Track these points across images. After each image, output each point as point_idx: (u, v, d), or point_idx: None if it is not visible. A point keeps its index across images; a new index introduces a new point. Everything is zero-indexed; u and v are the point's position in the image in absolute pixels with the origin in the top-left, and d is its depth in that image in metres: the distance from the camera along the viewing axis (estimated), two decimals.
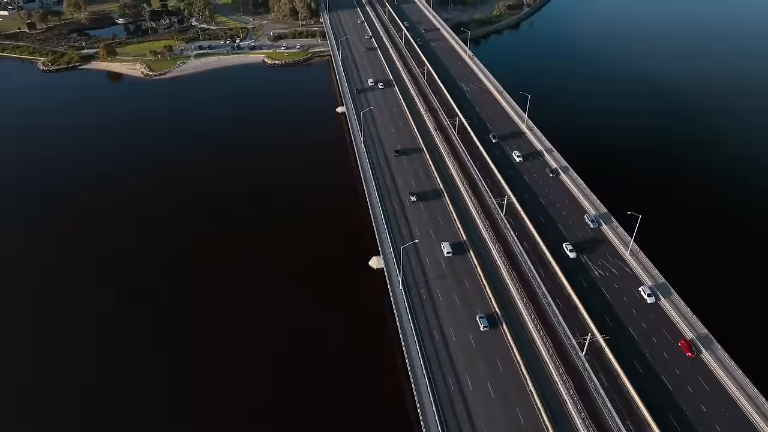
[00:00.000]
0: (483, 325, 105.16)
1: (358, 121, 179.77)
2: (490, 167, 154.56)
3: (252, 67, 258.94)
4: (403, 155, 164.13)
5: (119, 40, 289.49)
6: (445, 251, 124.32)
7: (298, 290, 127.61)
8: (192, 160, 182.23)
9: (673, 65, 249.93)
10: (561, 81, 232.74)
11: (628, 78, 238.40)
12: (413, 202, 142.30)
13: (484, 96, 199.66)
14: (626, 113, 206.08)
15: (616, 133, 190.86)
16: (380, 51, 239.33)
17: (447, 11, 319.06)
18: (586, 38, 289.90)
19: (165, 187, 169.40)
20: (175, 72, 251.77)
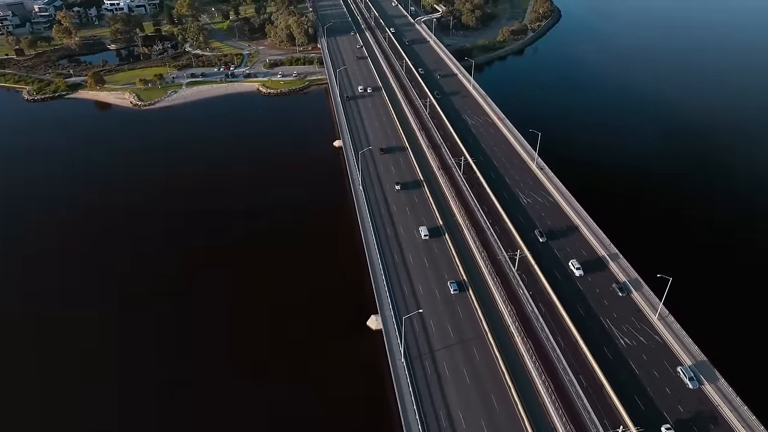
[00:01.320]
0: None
1: (355, 156, 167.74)
2: (497, 211, 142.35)
3: (246, 96, 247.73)
4: (404, 189, 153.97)
5: (109, 66, 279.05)
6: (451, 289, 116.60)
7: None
8: (179, 195, 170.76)
9: (682, 86, 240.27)
10: (568, 110, 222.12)
11: (638, 105, 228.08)
12: (424, 239, 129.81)
13: (490, 130, 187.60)
14: (640, 147, 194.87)
15: (632, 172, 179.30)
16: (379, 78, 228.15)
17: (449, 36, 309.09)
18: (592, 63, 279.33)
19: (145, 228, 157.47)
20: (165, 101, 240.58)
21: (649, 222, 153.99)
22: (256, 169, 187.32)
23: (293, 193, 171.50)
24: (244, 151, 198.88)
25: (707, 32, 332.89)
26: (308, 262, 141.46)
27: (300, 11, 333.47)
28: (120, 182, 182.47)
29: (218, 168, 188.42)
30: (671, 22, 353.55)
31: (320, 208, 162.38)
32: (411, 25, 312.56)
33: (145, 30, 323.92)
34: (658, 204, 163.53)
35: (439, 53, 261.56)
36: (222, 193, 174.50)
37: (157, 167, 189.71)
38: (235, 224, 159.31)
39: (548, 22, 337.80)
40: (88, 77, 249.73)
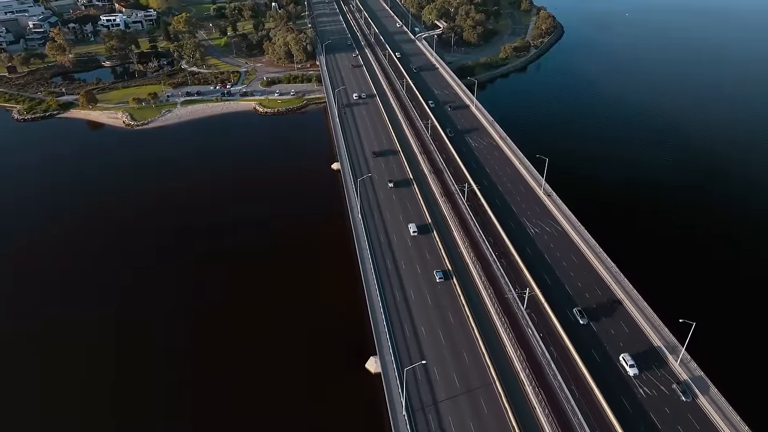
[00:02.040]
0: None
1: (354, 183, 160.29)
2: (503, 241, 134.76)
3: (242, 115, 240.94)
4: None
5: (103, 84, 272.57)
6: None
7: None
8: (168, 217, 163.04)
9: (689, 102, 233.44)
10: (573, 131, 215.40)
11: (644, 121, 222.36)
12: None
13: (494, 153, 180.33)
14: (652, 169, 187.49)
15: (641, 193, 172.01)
16: (379, 99, 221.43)
17: (450, 53, 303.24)
18: (596, 80, 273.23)
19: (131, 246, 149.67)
20: (159, 121, 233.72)
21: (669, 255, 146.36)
22: (248, 194, 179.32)
23: (287, 221, 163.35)
24: (236, 176, 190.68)
25: (704, 43, 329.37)
26: (304, 297, 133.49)
27: (299, 27, 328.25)
28: (109, 201, 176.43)
29: (209, 194, 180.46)
30: (672, 34, 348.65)
31: (314, 238, 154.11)
32: (411, 41, 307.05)
33: (140, 46, 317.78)
34: (687, 236, 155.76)
35: (441, 72, 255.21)
36: (213, 222, 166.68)
37: (145, 190, 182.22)
38: (224, 253, 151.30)
39: (551, 39, 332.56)
40: (79, 96, 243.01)
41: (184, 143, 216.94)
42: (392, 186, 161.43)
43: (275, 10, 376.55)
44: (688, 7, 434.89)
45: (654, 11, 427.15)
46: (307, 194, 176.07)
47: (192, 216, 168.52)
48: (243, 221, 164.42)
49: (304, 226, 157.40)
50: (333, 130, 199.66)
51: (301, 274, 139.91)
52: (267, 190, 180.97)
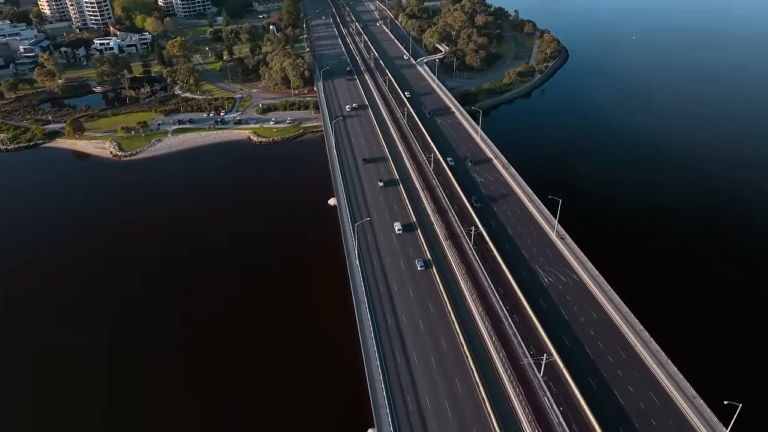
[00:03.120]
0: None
1: (352, 223, 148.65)
2: (515, 292, 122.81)
3: (236, 145, 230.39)
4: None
5: (92, 111, 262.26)
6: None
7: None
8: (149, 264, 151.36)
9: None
10: (583, 163, 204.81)
11: (655, 149, 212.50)
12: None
13: (502, 190, 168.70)
14: (667, 205, 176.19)
15: (659, 233, 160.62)
16: (380, 131, 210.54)
17: (452, 78, 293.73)
18: (604, 107, 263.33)
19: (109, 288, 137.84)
20: (148, 151, 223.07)
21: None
22: (239, 231, 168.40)
23: (278, 264, 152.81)
24: (226, 211, 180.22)
25: (716, 65, 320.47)
26: (297, 352, 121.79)
27: (296, 51, 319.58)
28: (91, 228, 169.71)
29: (193, 235, 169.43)
30: (681, 56, 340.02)
31: (307, 283, 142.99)
32: (412, 66, 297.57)
33: (133, 71, 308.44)
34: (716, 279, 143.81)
35: (443, 99, 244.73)
36: (201, 264, 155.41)
37: (128, 227, 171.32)
38: (213, 295, 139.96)
39: (555, 63, 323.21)
40: (66, 125, 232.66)
41: (170, 176, 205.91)
42: (400, 232, 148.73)
43: (273, 33, 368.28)
44: (697, 26, 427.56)
45: (660, 33, 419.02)
46: (299, 233, 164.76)
47: (176, 256, 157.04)
48: (232, 263, 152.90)
49: (295, 281, 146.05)
50: (330, 163, 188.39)
51: (292, 315, 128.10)
52: (255, 219, 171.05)
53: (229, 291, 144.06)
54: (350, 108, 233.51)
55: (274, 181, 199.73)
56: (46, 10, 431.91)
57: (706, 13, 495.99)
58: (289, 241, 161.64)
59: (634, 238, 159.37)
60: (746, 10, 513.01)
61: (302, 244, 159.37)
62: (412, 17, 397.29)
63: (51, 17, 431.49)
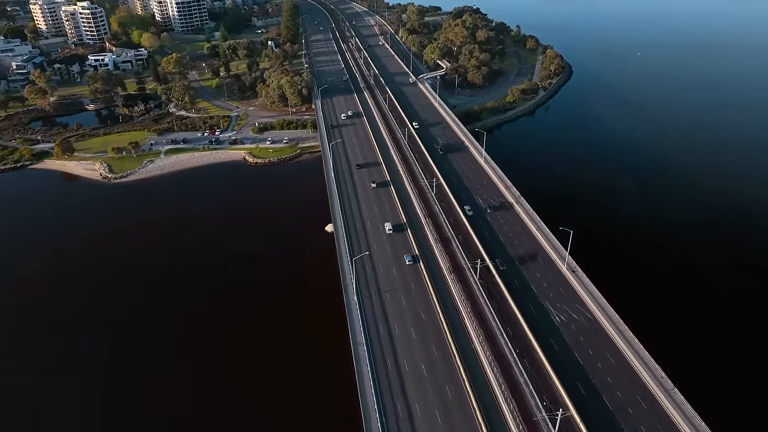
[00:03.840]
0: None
1: (350, 254, 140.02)
2: (525, 333, 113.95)
3: (230, 166, 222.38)
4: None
5: (83, 130, 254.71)
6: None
7: None
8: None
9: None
10: (593, 185, 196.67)
11: (667, 173, 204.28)
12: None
13: (508, 217, 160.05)
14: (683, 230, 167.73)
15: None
16: (380, 154, 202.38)
17: (454, 96, 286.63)
18: (610, 126, 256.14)
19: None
20: (139, 173, 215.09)
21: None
22: (231, 259, 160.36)
23: (268, 296, 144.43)
24: (218, 238, 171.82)
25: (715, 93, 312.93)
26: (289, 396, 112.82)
27: (295, 68, 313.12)
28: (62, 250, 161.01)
29: (183, 262, 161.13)
30: (689, 74, 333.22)
31: (299, 320, 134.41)
32: (413, 84, 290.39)
33: (127, 88, 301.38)
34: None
35: (445, 119, 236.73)
36: (189, 295, 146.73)
37: (112, 251, 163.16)
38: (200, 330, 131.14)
39: (559, 80, 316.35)
40: (54, 145, 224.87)
41: (161, 199, 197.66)
42: (409, 264, 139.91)
43: (271, 49, 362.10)
44: (706, 42, 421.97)
45: (663, 48, 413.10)
46: (294, 262, 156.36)
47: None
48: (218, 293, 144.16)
49: (286, 301, 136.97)
50: (328, 187, 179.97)
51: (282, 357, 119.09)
52: (248, 258, 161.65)
53: (220, 317, 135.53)
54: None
55: (269, 205, 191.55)
56: (42, 26, 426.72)
57: (705, 20, 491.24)
58: (284, 267, 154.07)
59: (651, 268, 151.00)
60: (742, 18, 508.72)
61: (297, 273, 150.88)
62: (413, 32, 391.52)
63: (47, 32, 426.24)
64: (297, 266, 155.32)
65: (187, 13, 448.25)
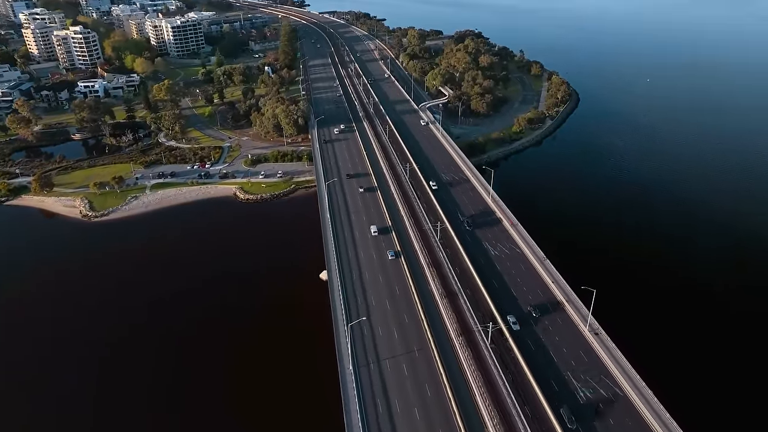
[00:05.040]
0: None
1: (346, 322, 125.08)
2: (545, 412, 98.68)
3: (220, 203, 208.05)
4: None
5: (66, 162, 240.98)
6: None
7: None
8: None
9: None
10: (602, 223, 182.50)
11: (683, 214, 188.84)
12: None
13: (519, 266, 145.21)
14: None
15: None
16: (379, 191, 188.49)
17: (457, 125, 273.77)
18: (620, 157, 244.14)
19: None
20: (122, 211, 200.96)
21: None
22: (213, 309, 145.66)
23: (254, 357, 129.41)
24: (200, 289, 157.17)
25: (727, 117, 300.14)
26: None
27: (292, 94, 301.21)
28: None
29: (161, 314, 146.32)
30: (701, 99, 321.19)
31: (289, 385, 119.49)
32: (414, 112, 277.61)
33: (116, 117, 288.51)
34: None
35: (449, 151, 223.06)
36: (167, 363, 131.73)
37: (86, 299, 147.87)
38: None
39: (566, 108, 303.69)
40: (33, 180, 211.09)
41: (142, 240, 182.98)
42: (389, 307, 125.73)
43: (267, 75, 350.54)
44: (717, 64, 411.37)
45: (672, 68, 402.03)
46: (285, 313, 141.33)
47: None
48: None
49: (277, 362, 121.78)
50: (323, 230, 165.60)
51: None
52: (234, 297, 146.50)
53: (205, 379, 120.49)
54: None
55: (259, 247, 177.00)
56: (34, 50, 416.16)
57: (718, 38, 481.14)
58: (270, 323, 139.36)
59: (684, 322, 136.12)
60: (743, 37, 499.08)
61: (284, 334, 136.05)
62: (414, 57, 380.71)
63: (39, 57, 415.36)
64: (285, 324, 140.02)
65: (183, 37, 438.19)
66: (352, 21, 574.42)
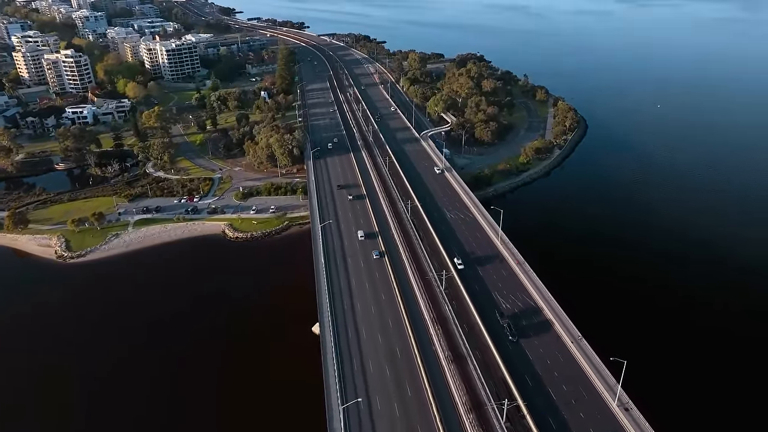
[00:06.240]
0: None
1: (340, 385, 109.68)
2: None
3: (207, 242, 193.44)
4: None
5: (46, 196, 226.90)
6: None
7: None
8: None
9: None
10: (620, 268, 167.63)
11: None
12: None
13: (533, 319, 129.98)
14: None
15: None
16: (378, 230, 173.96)
17: (461, 155, 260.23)
18: (634, 191, 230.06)
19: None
20: (101, 251, 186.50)
21: None
22: (192, 366, 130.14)
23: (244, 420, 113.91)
24: (181, 345, 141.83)
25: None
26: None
27: (288, 120, 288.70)
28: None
29: (134, 373, 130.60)
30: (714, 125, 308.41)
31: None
32: (416, 140, 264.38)
33: (102, 145, 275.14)
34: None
35: (453, 186, 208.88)
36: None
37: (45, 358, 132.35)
38: None
39: (574, 136, 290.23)
40: (5, 217, 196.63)
41: (119, 285, 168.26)
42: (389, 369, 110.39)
43: (263, 100, 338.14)
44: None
45: (682, 94, 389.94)
46: (275, 369, 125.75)
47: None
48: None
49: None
50: (317, 274, 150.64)
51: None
52: (210, 371, 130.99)
53: None
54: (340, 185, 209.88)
55: (247, 292, 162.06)
56: (25, 73, 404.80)
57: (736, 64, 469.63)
58: (253, 387, 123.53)
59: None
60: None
61: (269, 399, 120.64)
62: (415, 82, 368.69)
63: (29, 81, 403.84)
64: (270, 391, 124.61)
65: (178, 60, 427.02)
66: (351, 43, 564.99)
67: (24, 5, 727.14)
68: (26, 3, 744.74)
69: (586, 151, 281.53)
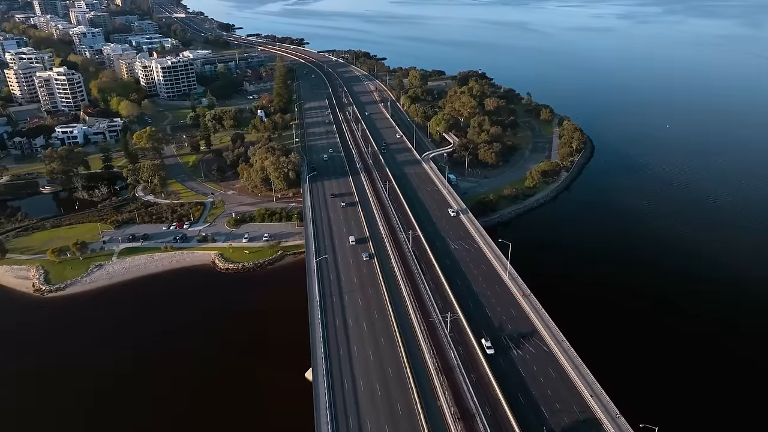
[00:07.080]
0: None
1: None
2: None
3: (195, 273, 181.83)
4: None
5: (28, 222, 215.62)
6: None
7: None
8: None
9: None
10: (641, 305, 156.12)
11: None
12: None
13: (548, 370, 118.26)
14: None
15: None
16: (377, 259, 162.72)
17: (464, 178, 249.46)
18: (646, 217, 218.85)
19: None
20: (82, 283, 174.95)
21: None
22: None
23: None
24: (162, 398, 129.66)
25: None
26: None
27: (285, 141, 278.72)
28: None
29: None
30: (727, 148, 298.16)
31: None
32: (417, 162, 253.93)
33: (91, 167, 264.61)
34: None
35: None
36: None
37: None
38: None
39: (581, 158, 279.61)
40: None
41: (99, 323, 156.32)
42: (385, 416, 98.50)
43: (260, 120, 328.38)
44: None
45: (694, 113, 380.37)
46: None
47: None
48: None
49: None
50: (311, 312, 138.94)
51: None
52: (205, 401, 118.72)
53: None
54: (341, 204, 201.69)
55: (236, 332, 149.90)
56: (17, 92, 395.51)
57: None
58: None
59: None
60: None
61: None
62: (415, 100, 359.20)
63: (21, 98, 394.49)
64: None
65: (174, 78, 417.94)
66: (351, 60, 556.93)
67: (23, 21, 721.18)
68: (25, 19, 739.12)
69: (594, 173, 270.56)
